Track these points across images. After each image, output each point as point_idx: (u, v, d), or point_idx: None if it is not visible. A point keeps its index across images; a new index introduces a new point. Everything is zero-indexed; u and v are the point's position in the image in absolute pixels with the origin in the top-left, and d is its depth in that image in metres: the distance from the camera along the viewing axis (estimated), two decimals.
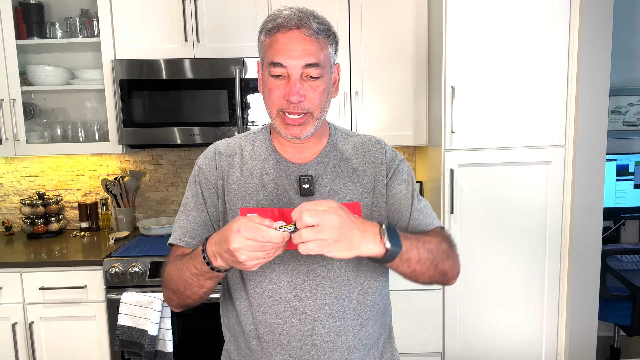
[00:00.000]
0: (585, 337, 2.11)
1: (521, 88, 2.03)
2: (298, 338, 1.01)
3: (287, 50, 0.94)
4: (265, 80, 0.99)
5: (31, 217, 2.49)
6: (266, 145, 1.08)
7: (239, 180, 1.05)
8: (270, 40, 0.96)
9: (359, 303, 1.04)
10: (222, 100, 2.22)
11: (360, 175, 1.06)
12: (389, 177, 1.07)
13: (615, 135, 2.61)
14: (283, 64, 0.94)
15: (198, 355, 2.08)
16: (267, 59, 0.97)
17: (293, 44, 0.94)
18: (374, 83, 2.32)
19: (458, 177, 2.07)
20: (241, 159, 1.07)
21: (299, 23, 0.94)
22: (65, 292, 2.05)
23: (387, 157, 1.09)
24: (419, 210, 1.06)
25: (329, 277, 1.02)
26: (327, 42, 0.99)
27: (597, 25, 1.96)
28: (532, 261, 2.11)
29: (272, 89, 0.97)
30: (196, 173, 1.09)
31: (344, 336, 1.02)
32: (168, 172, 2.68)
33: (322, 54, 0.97)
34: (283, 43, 0.94)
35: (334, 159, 1.07)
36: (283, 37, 0.95)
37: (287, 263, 1.01)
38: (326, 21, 0.99)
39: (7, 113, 2.27)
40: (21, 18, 2.31)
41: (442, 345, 2.17)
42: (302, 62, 0.94)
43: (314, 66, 0.95)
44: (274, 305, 1.01)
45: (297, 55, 0.94)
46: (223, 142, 1.12)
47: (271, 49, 0.96)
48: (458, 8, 1.99)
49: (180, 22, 2.24)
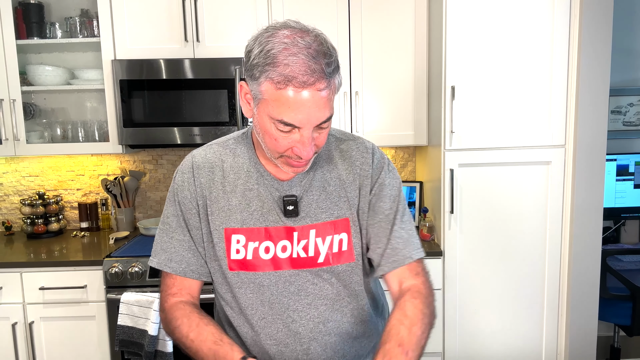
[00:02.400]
0: (585, 337, 2.11)
1: (521, 88, 2.03)
2: (294, 358, 0.99)
3: (300, 112, 0.81)
4: (265, 125, 0.86)
5: (31, 217, 2.49)
6: (249, 157, 1.00)
7: (221, 198, 0.98)
8: (277, 95, 0.81)
9: (353, 317, 1.02)
10: (222, 100, 2.22)
11: (347, 187, 0.99)
12: (372, 192, 1.00)
13: (615, 135, 2.61)
14: (297, 125, 0.83)
15: None
16: (273, 113, 0.83)
17: (307, 106, 0.81)
18: (374, 83, 2.32)
19: (458, 177, 2.07)
20: (222, 172, 0.99)
21: (312, 79, 0.80)
22: (65, 292, 2.05)
23: (373, 169, 1.00)
24: (398, 237, 0.98)
25: (321, 295, 0.99)
26: (336, 78, 0.86)
27: (597, 25, 1.96)
28: (532, 261, 2.11)
29: (277, 139, 0.86)
30: (175, 191, 1.01)
31: (341, 350, 1.01)
32: (168, 172, 2.68)
33: (333, 95, 0.86)
34: (295, 103, 0.81)
35: (320, 171, 1.00)
36: (294, 96, 0.80)
37: (276, 285, 0.98)
38: (336, 54, 0.85)
39: (7, 113, 2.27)
40: (21, 18, 2.31)
41: (442, 345, 2.17)
42: (317, 122, 0.84)
43: (328, 120, 0.86)
44: (267, 327, 0.99)
45: (313, 119, 0.83)
46: (201, 153, 1.02)
47: (279, 106, 0.82)
48: (458, 8, 1.99)
49: (180, 22, 2.24)
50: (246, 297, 0.99)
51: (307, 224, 0.97)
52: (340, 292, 1.00)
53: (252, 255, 0.97)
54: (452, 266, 2.11)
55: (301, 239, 0.97)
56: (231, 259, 0.98)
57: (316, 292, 0.99)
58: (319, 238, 0.97)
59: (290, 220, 0.97)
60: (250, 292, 0.99)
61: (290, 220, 0.97)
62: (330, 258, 0.98)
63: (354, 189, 1.00)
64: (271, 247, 0.97)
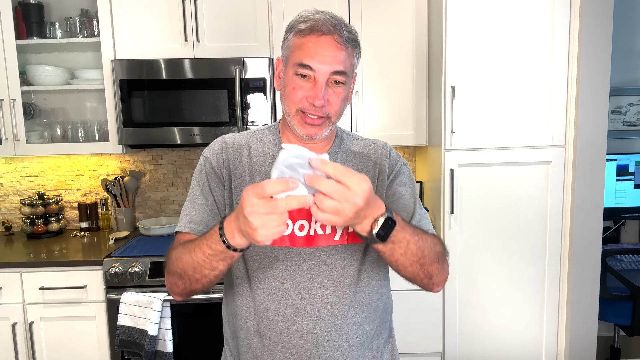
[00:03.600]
0: (585, 337, 2.11)
1: (521, 88, 2.03)
2: (299, 336, 1.01)
3: (318, 55, 0.95)
4: (288, 78, 1.00)
5: (31, 217, 2.49)
6: (274, 143, 1.09)
7: (246, 175, 1.06)
8: (301, 42, 0.97)
9: (360, 302, 1.05)
10: (222, 100, 2.22)
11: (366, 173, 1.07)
12: (390, 178, 1.08)
13: (615, 135, 2.61)
14: (313, 67, 0.95)
15: (198, 355, 2.08)
16: (295, 59, 0.97)
17: (325, 49, 0.95)
18: (374, 83, 2.32)
19: (458, 177, 2.07)
20: (249, 154, 1.08)
21: (332, 29, 0.96)
22: (65, 292, 2.05)
23: (390, 160, 1.10)
24: (420, 215, 1.06)
25: (332, 276, 1.02)
26: (354, 52, 1.00)
27: (597, 25, 1.96)
28: (532, 261, 2.11)
29: (296, 89, 0.98)
30: (202, 163, 1.09)
31: (345, 335, 1.03)
32: (168, 172, 2.68)
33: (349, 62, 0.99)
34: (314, 47, 0.96)
35: (339, 160, 1.08)
36: (315, 40, 0.96)
37: (291, 261, 1.02)
38: (355, 31, 1.01)
39: (7, 113, 2.27)
40: (21, 18, 2.31)
41: (442, 345, 2.17)
42: (331, 69, 0.96)
43: (341, 74, 0.97)
44: (277, 302, 1.01)
45: (327, 61, 0.95)
46: (230, 136, 1.12)
47: (301, 50, 0.97)
48: (458, 8, 1.99)
49: (180, 22, 2.24)
50: (259, 272, 1.02)
51: None
52: (351, 276, 1.03)
53: None
54: (452, 266, 2.09)
55: None
56: None
57: (327, 272, 1.02)
58: None
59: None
60: (263, 266, 1.02)
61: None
62: (346, 236, 1.02)
63: (372, 175, 1.08)
64: (290, 224, 1.01)
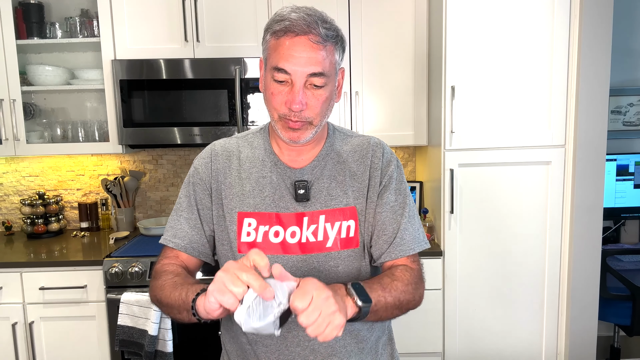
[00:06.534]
0: (585, 337, 2.11)
1: (521, 88, 2.03)
2: (296, 343, 1.00)
3: (292, 57, 0.91)
4: (267, 82, 0.97)
5: (31, 217, 2.49)
6: (264, 147, 1.07)
7: (236, 184, 1.04)
8: (276, 43, 0.93)
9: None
10: (222, 100, 2.22)
11: (357, 179, 1.04)
12: (382, 184, 1.05)
13: (615, 135, 2.61)
14: (287, 70, 0.91)
15: (198, 355, 2.08)
16: (271, 62, 0.94)
17: (299, 51, 0.90)
18: (374, 83, 2.32)
19: (458, 177, 2.07)
20: (238, 161, 1.06)
21: (306, 29, 0.90)
22: (65, 292, 2.05)
23: (383, 162, 1.06)
24: (405, 230, 1.03)
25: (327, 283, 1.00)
26: (335, 48, 0.95)
27: (597, 25, 1.96)
28: (532, 261, 2.11)
29: (275, 94, 0.94)
30: (192, 173, 1.08)
31: (342, 341, 1.02)
32: (168, 172, 2.68)
33: (328, 61, 0.93)
34: (289, 49, 0.91)
35: (330, 162, 1.05)
36: (289, 42, 0.91)
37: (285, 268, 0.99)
38: (335, 26, 0.95)
39: (7, 113, 2.27)
40: (21, 18, 2.31)
41: (442, 345, 2.17)
42: (307, 71, 0.91)
43: (319, 75, 0.92)
44: None
45: (302, 63, 0.91)
46: (221, 142, 1.11)
47: (276, 52, 0.93)
48: (458, 8, 1.99)
49: (180, 22, 2.24)
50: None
51: (317, 209, 1.02)
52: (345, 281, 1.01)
53: (261, 238, 1.01)
54: (452, 266, 2.11)
55: (311, 224, 1.01)
56: (241, 241, 1.02)
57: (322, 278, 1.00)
58: (328, 223, 1.01)
59: (300, 206, 1.01)
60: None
61: (300, 206, 1.01)
62: (338, 243, 1.02)
63: (364, 179, 1.05)
64: (281, 232, 1.01)
